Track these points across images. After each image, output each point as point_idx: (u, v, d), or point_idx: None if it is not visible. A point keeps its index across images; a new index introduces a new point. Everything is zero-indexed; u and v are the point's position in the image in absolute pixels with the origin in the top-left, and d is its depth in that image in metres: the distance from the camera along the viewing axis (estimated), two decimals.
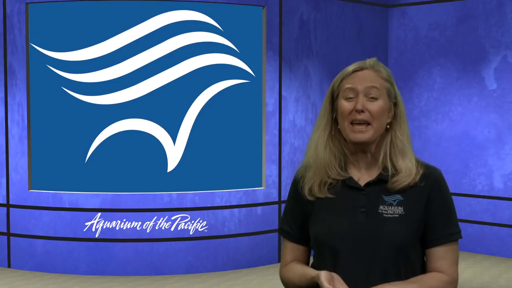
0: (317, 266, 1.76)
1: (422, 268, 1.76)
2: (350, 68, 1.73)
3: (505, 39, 6.41)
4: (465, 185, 6.69)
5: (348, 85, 1.71)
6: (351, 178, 1.74)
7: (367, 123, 1.69)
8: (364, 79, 1.70)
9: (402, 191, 1.71)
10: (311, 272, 1.71)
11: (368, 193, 1.72)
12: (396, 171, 1.71)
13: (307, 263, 1.86)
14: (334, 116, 1.76)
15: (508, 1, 6.39)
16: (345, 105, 1.70)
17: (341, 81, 1.73)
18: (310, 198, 1.76)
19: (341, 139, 1.76)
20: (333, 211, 1.74)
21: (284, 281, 1.86)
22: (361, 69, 1.72)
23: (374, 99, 1.69)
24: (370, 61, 1.74)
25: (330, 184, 1.75)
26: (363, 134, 1.69)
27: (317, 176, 1.75)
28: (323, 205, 1.75)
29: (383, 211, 1.70)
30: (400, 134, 1.73)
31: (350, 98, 1.70)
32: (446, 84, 6.79)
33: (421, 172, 1.72)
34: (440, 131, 6.85)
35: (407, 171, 1.70)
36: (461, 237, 1.74)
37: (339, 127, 1.75)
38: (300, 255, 1.86)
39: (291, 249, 1.86)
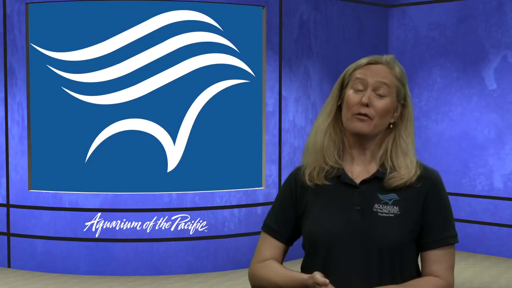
0: (309, 265, 1.72)
1: (418, 270, 1.73)
2: (365, 60, 1.71)
3: (505, 39, 6.41)
4: (465, 185, 6.69)
5: (359, 75, 1.68)
6: (346, 175, 1.71)
7: (369, 118, 1.66)
8: (377, 74, 1.68)
9: (398, 190, 1.68)
10: (298, 275, 1.66)
11: (363, 191, 1.69)
12: (394, 168, 1.68)
13: (281, 264, 1.79)
14: (339, 104, 1.74)
15: (508, 1, 6.39)
16: (352, 96, 1.68)
17: (354, 70, 1.71)
18: (309, 184, 1.73)
19: (342, 128, 1.74)
20: (327, 208, 1.71)
21: (257, 278, 1.77)
22: (375, 62, 1.70)
23: (382, 96, 1.67)
24: (387, 57, 1.72)
25: (327, 171, 1.72)
26: (362, 124, 1.66)
27: (316, 162, 1.73)
28: (317, 202, 1.72)
29: (378, 210, 1.67)
30: (405, 135, 1.71)
31: (359, 90, 1.68)
32: (446, 84, 6.79)
33: (418, 172, 1.69)
34: (440, 131, 6.85)
35: (406, 169, 1.68)
36: (457, 241, 1.70)
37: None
38: (278, 254, 1.79)
39: (270, 245, 1.79)
